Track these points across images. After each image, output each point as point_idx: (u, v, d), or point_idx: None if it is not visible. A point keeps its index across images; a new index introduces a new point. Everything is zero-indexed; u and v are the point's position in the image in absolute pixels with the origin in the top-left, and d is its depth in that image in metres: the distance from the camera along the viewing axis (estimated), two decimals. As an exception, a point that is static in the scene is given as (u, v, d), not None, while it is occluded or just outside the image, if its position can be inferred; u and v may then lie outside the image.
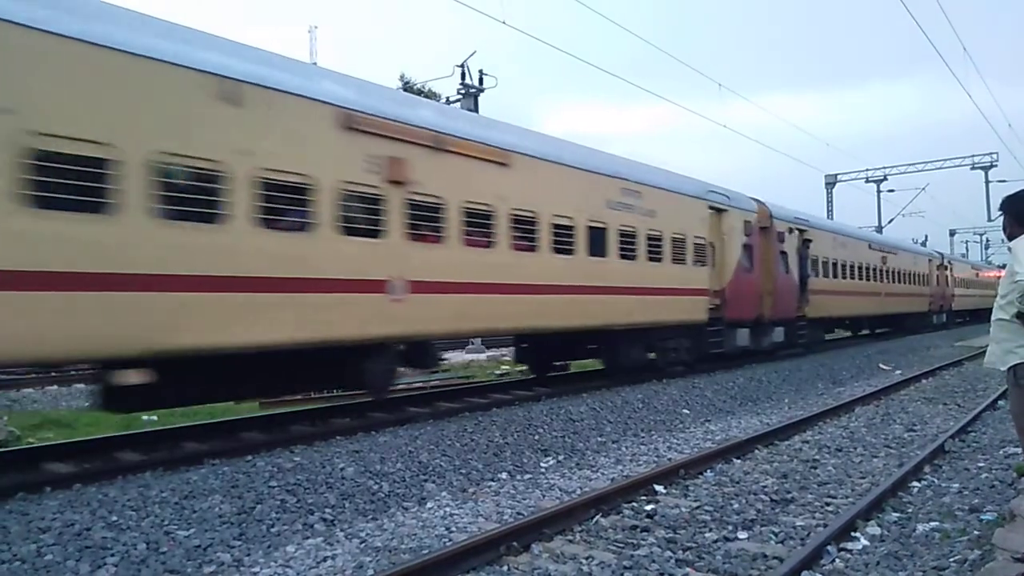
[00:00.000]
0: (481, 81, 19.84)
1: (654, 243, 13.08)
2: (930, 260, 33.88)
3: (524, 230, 10.41)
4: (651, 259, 13.00)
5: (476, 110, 19.20)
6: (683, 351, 14.32)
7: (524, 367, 14.59)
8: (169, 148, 6.58)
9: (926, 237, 46.36)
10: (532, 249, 10.51)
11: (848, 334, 27.63)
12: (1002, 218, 4.93)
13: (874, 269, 25.24)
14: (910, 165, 43.14)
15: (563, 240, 11.03)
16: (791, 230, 18.60)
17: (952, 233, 66.86)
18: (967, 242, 69.76)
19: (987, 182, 40.04)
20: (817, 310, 19.81)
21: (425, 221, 8.91)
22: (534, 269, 10.51)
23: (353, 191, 8.11)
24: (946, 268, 36.12)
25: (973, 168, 40.34)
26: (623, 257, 12.26)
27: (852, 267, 23.13)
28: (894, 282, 27.58)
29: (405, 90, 25.96)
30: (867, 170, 44.15)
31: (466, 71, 19.67)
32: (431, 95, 23.50)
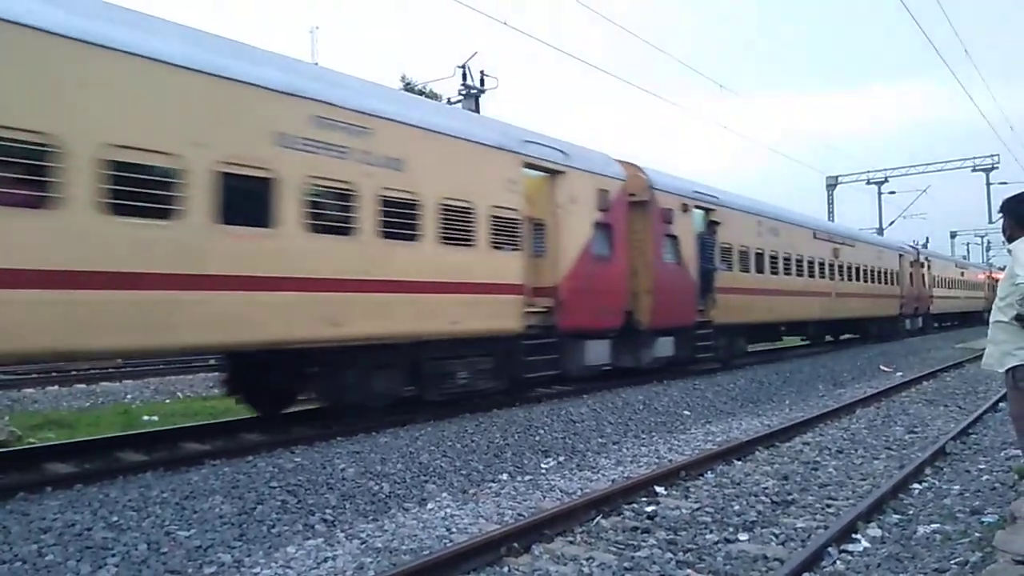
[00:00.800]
0: (482, 82, 19.84)
1: (399, 211, 8.51)
2: (901, 255, 29.18)
3: (19, 169, 5.73)
4: (390, 236, 8.42)
5: (478, 111, 19.19)
6: (479, 377, 9.90)
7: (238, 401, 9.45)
8: None
9: (927, 239, 46.36)
10: (37, 204, 5.77)
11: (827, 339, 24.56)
12: (1002, 220, 4.95)
13: (821, 263, 20.94)
14: (911, 167, 43.15)
15: (144, 194, 6.30)
16: (685, 208, 14.02)
17: (953, 235, 67.00)
18: (968, 244, 69.81)
19: (988, 184, 40.15)
20: (729, 314, 15.30)
21: None
22: (42, 244, 5.79)
23: None
24: (923, 265, 32.00)
25: (974, 170, 40.37)
26: (319, 230, 7.73)
27: (788, 260, 18.71)
28: (850, 280, 23.23)
29: (406, 90, 25.89)
30: (868, 172, 44.21)
31: (467, 72, 19.68)
32: (432, 95, 23.47)
